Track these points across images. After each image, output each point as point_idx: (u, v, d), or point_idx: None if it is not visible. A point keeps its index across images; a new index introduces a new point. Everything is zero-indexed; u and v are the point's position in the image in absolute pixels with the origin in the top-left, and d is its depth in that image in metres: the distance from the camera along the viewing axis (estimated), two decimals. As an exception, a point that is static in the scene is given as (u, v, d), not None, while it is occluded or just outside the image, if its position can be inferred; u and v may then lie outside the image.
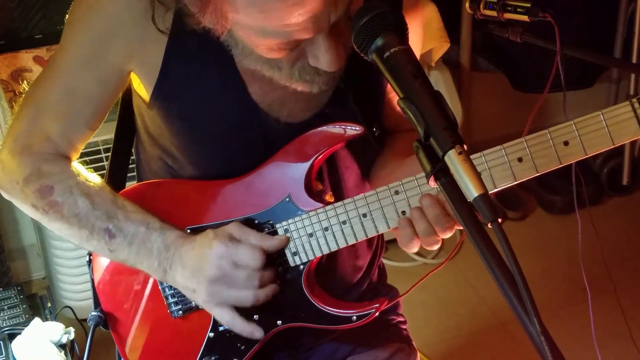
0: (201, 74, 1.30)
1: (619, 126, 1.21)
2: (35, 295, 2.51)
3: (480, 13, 1.97)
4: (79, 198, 1.33)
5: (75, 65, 1.32)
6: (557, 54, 1.80)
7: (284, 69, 1.20)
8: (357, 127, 1.31)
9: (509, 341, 2.80)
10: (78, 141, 1.38)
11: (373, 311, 1.34)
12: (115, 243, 1.32)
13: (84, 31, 1.30)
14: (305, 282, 1.34)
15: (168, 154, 1.39)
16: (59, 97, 1.34)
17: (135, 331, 1.43)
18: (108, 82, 1.33)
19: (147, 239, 1.32)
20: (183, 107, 1.32)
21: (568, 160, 1.23)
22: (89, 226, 1.33)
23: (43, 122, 1.35)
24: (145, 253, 1.32)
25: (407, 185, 1.26)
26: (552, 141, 1.22)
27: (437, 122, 0.94)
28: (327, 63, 1.16)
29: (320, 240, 1.31)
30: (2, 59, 2.71)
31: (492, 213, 0.88)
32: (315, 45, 1.14)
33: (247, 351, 1.36)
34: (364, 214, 1.29)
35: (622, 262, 3.09)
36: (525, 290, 0.85)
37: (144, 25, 1.25)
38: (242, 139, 1.35)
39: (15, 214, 3.03)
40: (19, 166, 1.35)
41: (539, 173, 1.23)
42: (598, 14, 3.38)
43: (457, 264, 3.07)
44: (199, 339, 1.37)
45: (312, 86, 1.23)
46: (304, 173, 1.31)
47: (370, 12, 1.02)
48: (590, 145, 1.22)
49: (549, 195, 3.48)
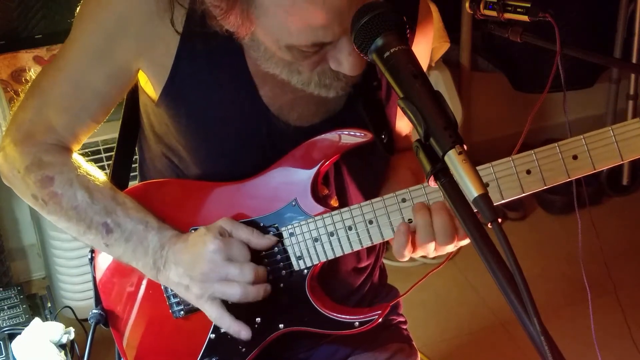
0: (212, 76, 1.30)
1: (628, 142, 1.22)
2: (35, 295, 2.50)
3: (480, 13, 1.97)
4: (79, 191, 1.33)
5: (83, 59, 1.32)
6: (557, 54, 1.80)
7: (304, 72, 1.20)
8: (366, 134, 1.31)
9: (509, 341, 2.80)
10: (81, 133, 1.38)
11: (376, 318, 1.34)
12: (112, 238, 1.32)
13: (93, 26, 1.30)
14: (308, 287, 1.33)
15: (174, 152, 1.39)
16: (66, 90, 1.34)
17: (136, 330, 1.42)
18: (116, 78, 1.33)
19: (144, 238, 1.31)
20: (192, 107, 1.32)
21: (576, 174, 1.23)
22: (87, 220, 1.33)
23: (48, 113, 1.35)
24: (142, 251, 1.32)
25: (414, 193, 1.26)
26: (561, 154, 1.22)
27: (437, 122, 0.94)
28: (349, 67, 1.15)
29: (325, 245, 1.30)
30: (2, 59, 2.71)
31: (492, 213, 0.88)
32: (337, 48, 1.14)
33: (247, 353, 1.36)
34: (370, 220, 1.28)
35: (622, 262, 3.09)
36: (525, 290, 0.85)
37: (154, 24, 1.25)
38: (250, 141, 1.34)
39: (15, 214, 3.03)
40: (21, 155, 1.35)
41: (547, 186, 1.23)
42: (598, 14, 3.38)
43: (457, 264, 3.08)
44: (200, 340, 1.37)
45: (329, 91, 1.23)
46: (311, 178, 1.31)
47: (370, 12, 1.02)
48: (598, 160, 1.22)
49: (549, 195, 3.48)
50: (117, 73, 1.32)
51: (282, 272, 1.33)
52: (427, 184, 1.24)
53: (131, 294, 1.41)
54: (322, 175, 1.33)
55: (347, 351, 1.52)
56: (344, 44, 1.13)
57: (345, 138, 1.31)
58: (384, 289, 1.61)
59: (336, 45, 1.14)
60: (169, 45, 1.27)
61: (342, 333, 1.35)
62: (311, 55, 1.15)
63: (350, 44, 1.11)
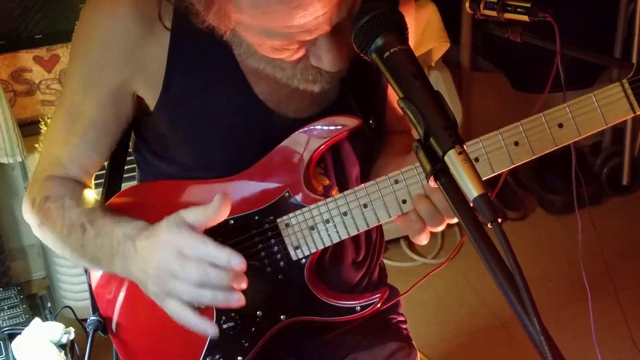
0: (205, 81, 1.30)
1: (610, 107, 1.25)
2: (35, 295, 2.50)
3: (480, 13, 1.97)
4: (67, 200, 1.34)
5: (76, 92, 1.35)
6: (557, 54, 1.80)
7: (286, 69, 1.21)
8: (353, 120, 1.32)
9: (509, 341, 2.80)
10: (89, 167, 1.41)
11: (376, 300, 1.35)
12: (87, 237, 1.29)
13: (81, 59, 1.33)
14: (307, 276, 1.34)
15: (174, 163, 1.39)
16: (64, 124, 1.38)
17: (135, 334, 1.42)
18: (109, 105, 1.34)
19: (111, 231, 1.26)
20: (188, 114, 1.32)
21: (563, 142, 1.25)
22: (68, 222, 1.32)
23: (53, 151, 1.40)
24: (108, 245, 1.26)
25: (406, 174, 1.27)
26: (547, 124, 1.24)
27: (437, 122, 0.94)
28: (329, 63, 1.16)
29: (322, 232, 1.31)
30: (2, 59, 2.71)
31: (492, 213, 0.88)
32: (317, 45, 1.15)
33: (250, 348, 1.36)
34: (364, 204, 1.29)
35: (622, 262, 3.09)
36: (525, 290, 0.85)
37: (139, 46, 1.27)
38: (252, 140, 1.35)
39: (15, 214, 3.03)
40: (31, 191, 1.40)
41: (535, 156, 1.25)
42: (598, 14, 3.38)
43: (457, 264, 3.07)
44: (201, 339, 1.37)
45: (314, 86, 1.23)
46: (303, 167, 1.32)
47: (370, 12, 1.02)
48: (584, 127, 1.25)
49: (549, 195, 3.48)
50: (110, 100, 1.33)
51: (280, 264, 1.33)
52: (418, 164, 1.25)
53: (128, 299, 1.40)
54: (313, 164, 1.34)
55: (347, 350, 1.52)
56: (323, 42, 1.13)
57: (333, 126, 1.32)
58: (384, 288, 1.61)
59: (315, 43, 1.14)
60: (159, 61, 1.28)
61: (344, 319, 1.36)
62: (290, 52, 1.16)
63: (329, 41, 1.12)
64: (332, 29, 1.12)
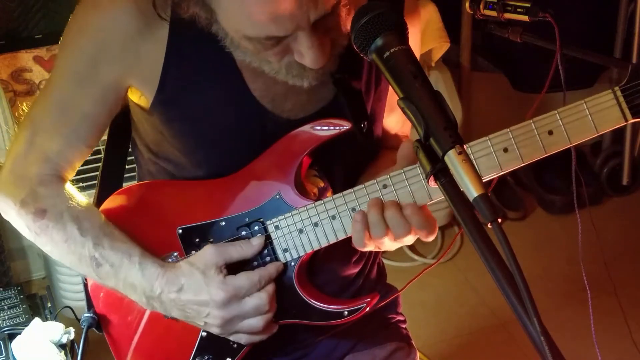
0: (201, 78, 1.30)
1: (601, 114, 1.22)
2: (35, 295, 2.50)
3: (480, 13, 1.97)
4: (68, 223, 1.34)
5: (69, 85, 1.34)
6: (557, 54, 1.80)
7: (273, 62, 1.21)
8: (345, 124, 1.31)
9: (509, 341, 2.80)
10: (75, 159, 1.40)
11: (364, 306, 1.34)
12: (103, 272, 1.33)
13: (76, 53, 1.32)
14: (296, 279, 1.34)
15: (169, 161, 1.39)
16: (54, 117, 1.36)
17: (128, 332, 1.43)
18: (103, 99, 1.34)
19: (128, 274, 1.32)
20: (184, 111, 1.32)
21: (552, 150, 1.23)
22: (77, 253, 1.34)
23: (40, 142, 1.37)
24: (130, 288, 1.33)
25: (395, 179, 1.26)
26: (537, 131, 1.22)
27: (437, 122, 0.94)
28: (310, 60, 1.16)
29: (310, 235, 1.31)
30: (2, 59, 2.71)
31: (492, 213, 0.88)
32: (298, 41, 1.15)
33: (240, 349, 1.36)
34: (352, 207, 1.29)
35: (622, 262, 3.09)
36: (525, 290, 0.85)
37: (136, 42, 1.26)
38: (246, 138, 1.35)
39: (15, 214, 3.03)
40: (17, 188, 1.37)
41: (524, 163, 1.23)
42: (598, 14, 3.38)
43: (457, 264, 3.07)
44: (192, 339, 1.38)
45: (302, 81, 1.23)
46: (294, 170, 1.32)
47: (370, 12, 1.02)
48: (574, 134, 1.22)
49: (549, 195, 3.48)
50: (104, 94, 1.33)
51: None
52: (407, 169, 1.24)
53: (121, 297, 1.40)
54: (305, 167, 1.34)
55: (346, 349, 1.52)
56: (303, 38, 1.14)
57: (324, 129, 1.32)
58: (383, 288, 1.61)
59: (296, 39, 1.14)
60: (155, 58, 1.28)
61: (332, 323, 1.36)
62: (270, 47, 1.16)
63: (309, 38, 1.13)
64: (314, 26, 1.12)
